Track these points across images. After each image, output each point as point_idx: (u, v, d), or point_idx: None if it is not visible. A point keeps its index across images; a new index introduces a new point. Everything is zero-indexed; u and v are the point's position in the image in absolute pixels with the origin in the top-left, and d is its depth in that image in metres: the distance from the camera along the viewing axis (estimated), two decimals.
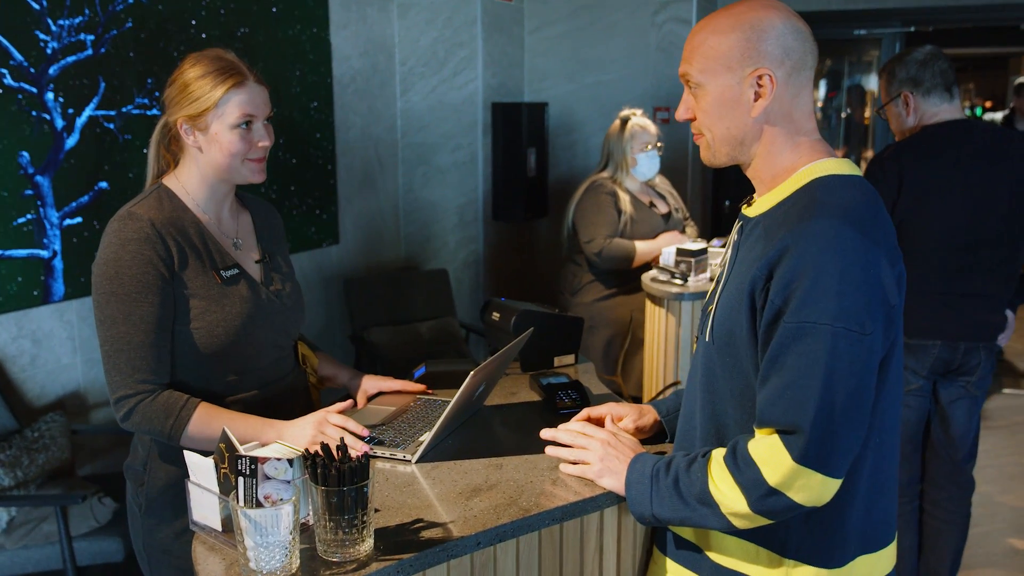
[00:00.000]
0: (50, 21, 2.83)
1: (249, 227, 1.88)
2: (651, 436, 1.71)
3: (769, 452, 1.26)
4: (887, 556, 1.42)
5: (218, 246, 1.76)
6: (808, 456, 1.22)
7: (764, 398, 1.27)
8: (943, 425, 2.62)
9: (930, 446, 2.66)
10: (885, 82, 2.64)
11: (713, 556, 1.43)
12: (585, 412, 1.73)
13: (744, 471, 1.28)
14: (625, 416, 1.69)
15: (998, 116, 5.89)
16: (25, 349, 2.88)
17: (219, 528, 1.35)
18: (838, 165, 1.34)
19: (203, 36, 3.37)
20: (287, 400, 1.85)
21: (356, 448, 1.56)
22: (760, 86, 1.33)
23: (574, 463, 1.56)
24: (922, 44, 2.67)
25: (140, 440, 1.78)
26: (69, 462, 2.81)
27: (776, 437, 1.26)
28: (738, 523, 1.31)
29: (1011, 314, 2.60)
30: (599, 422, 1.70)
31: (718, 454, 1.34)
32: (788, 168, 1.37)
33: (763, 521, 1.30)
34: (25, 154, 2.80)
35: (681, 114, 1.43)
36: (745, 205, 1.44)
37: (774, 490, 1.25)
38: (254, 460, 1.23)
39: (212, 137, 1.70)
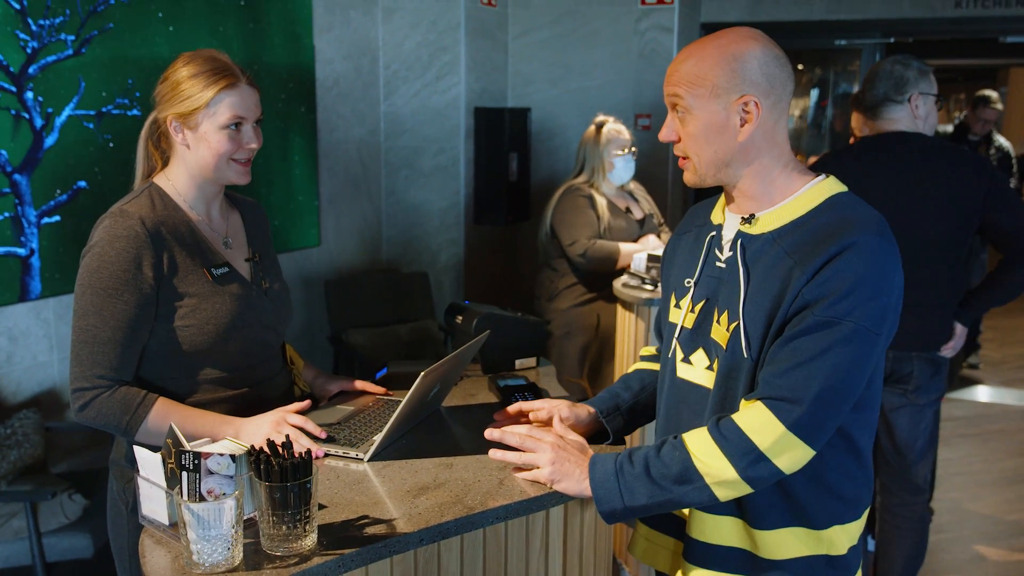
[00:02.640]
0: (31, 21, 2.86)
1: (239, 226, 1.91)
2: (590, 435, 1.73)
3: (759, 420, 1.36)
4: (862, 522, 1.55)
5: (208, 245, 1.78)
6: (799, 425, 1.34)
7: (770, 372, 1.37)
8: (888, 432, 2.65)
9: (880, 453, 2.70)
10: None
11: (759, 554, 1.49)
12: (516, 406, 1.78)
13: (731, 439, 1.37)
14: (561, 406, 1.73)
15: (949, 128, 5.93)
16: (1, 346, 2.90)
17: (166, 522, 1.38)
18: (836, 183, 1.47)
19: (197, 45, 3.40)
20: (276, 399, 1.87)
21: (301, 445, 1.60)
22: (747, 112, 1.42)
23: (521, 467, 1.60)
24: (900, 54, 2.70)
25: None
26: (42, 459, 2.83)
27: (762, 406, 1.36)
28: (722, 493, 1.39)
29: (960, 326, 2.61)
30: (521, 415, 1.76)
31: (689, 435, 1.43)
32: (787, 188, 1.46)
33: (747, 489, 1.39)
34: (3, 152, 2.83)
35: (666, 135, 1.50)
36: (744, 223, 1.48)
37: (763, 455, 1.35)
38: (197, 455, 1.27)
39: (201, 136, 1.73)
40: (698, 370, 1.53)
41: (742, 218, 1.49)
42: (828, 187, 1.46)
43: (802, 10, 5.06)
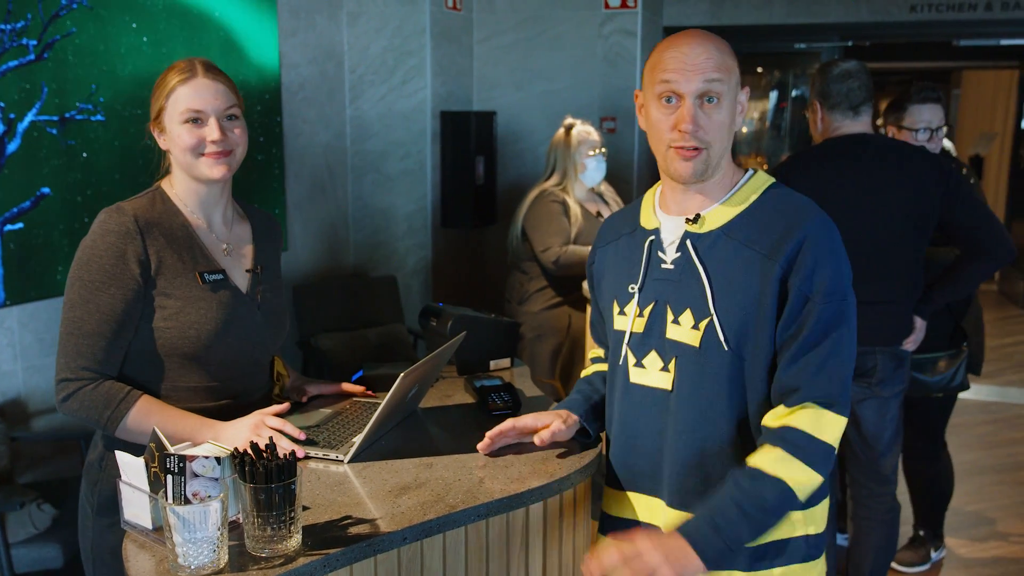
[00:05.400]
0: None
1: (247, 236, 1.91)
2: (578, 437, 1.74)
3: (822, 421, 1.41)
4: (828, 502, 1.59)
5: (205, 250, 1.77)
6: (846, 410, 1.43)
7: (806, 373, 1.40)
8: (854, 423, 2.71)
9: (848, 446, 2.76)
10: (810, 87, 2.77)
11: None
12: (510, 423, 1.70)
13: (808, 448, 1.39)
14: (551, 422, 1.69)
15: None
16: None
17: (150, 526, 1.38)
18: (765, 174, 1.54)
19: (160, 49, 3.37)
20: (255, 409, 1.83)
21: (285, 447, 1.60)
22: (741, 103, 1.48)
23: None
24: (854, 58, 2.77)
25: (101, 436, 1.76)
26: (7, 469, 2.79)
27: (818, 408, 1.41)
28: (804, 496, 1.42)
29: (920, 321, 2.69)
30: (525, 431, 1.70)
31: (763, 460, 1.40)
32: (729, 182, 1.51)
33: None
34: None
35: (694, 123, 1.42)
36: (689, 224, 1.49)
37: (832, 449, 1.42)
38: (182, 458, 1.27)
39: (170, 135, 1.74)
40: (652, 373, 1.53)
41: (687, 219, 1.50)
42: (762, 179, 1.52)
43: (762, 14, 5.16)
